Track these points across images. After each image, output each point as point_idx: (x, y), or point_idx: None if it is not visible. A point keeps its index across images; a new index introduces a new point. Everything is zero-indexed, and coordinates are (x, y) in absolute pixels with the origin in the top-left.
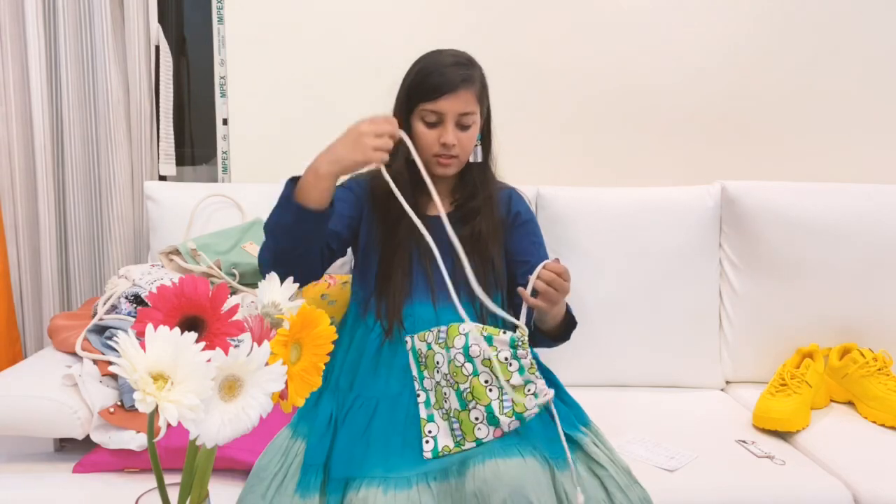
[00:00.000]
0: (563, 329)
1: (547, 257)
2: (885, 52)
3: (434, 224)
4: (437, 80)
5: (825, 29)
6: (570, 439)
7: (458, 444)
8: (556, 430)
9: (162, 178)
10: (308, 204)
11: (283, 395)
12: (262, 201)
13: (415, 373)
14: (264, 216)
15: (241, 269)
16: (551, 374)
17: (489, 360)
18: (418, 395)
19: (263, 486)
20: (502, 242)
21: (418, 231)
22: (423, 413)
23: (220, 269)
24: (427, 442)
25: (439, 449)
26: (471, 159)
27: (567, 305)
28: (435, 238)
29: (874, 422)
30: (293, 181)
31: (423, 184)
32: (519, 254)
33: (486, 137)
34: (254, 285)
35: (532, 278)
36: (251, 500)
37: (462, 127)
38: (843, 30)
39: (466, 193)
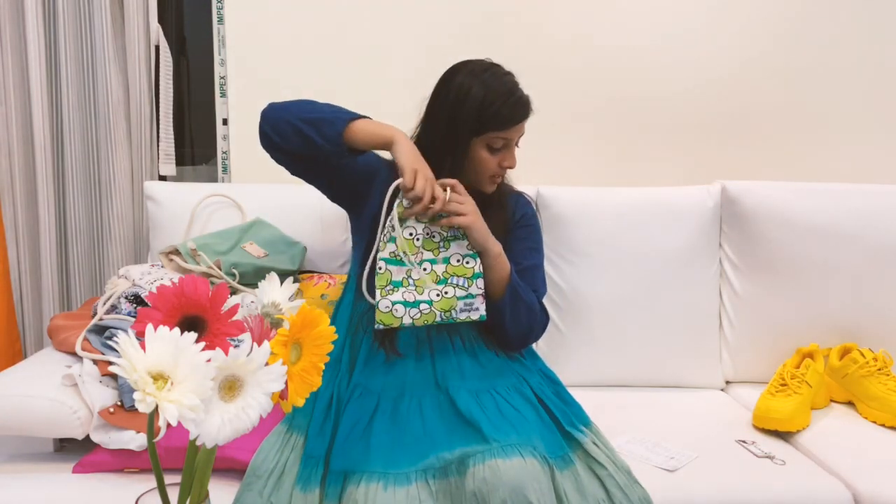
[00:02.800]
0: (505, 293)
1: (539, 264)
2: (885, 52)
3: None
4: (509, 110)
5: (825, 29)
6: (570, 438)
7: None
8: (553, 429)
9: (162, 178)
10: (349, 141)
11: (283, 395)
12: (262, 201)
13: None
14: (264, 216)
15: (241, 269)
16: (552, 374)
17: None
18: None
19: (261, 482)
20: (507, 243)
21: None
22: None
23: (220, 269)
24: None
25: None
26: None
27: (514, 275)
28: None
29: (874, 422)
30: (357, 118)
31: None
32: (512, 255)
33: None
34: (254, 285)
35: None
36: (249, 497)
37: (516, 146)
38: (843, 30)
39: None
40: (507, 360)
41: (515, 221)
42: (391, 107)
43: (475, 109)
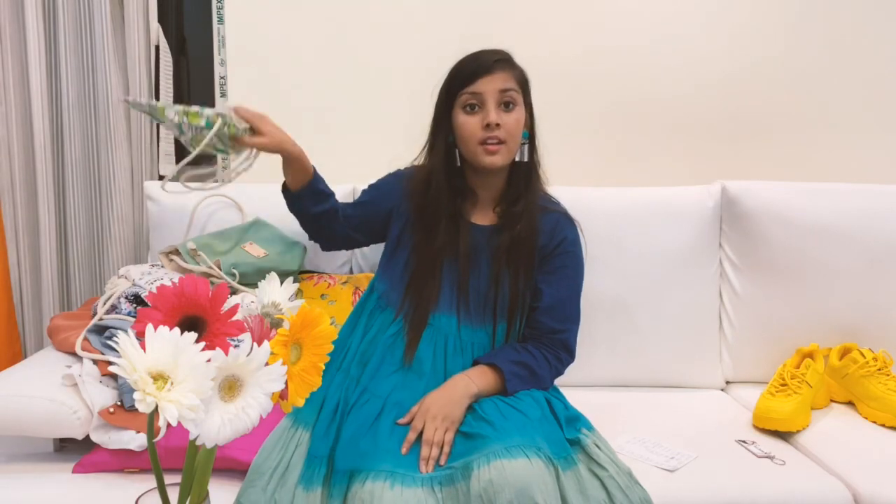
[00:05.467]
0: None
1: (571, 293)
2: (885, 52)
3: (476, 232)
4: (471, 64)
5: (825, 30)
6: (571, 440)
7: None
8: (557, 430)
9: (162, 177)
10: (290, 186)
11: (283, 395)
12: (262, 201)
13: None
14: (264, 216)
15: (241, 269)
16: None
17: None
18: None
19: (264, 479)
20: (536, 264)
21: (457, 238)
22: None
23: (220, 269)
24: None
25: None
26: (516, 157)
27: (508, 376)
28: (475, 247)
29: (874, 422)
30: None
31: (466, 189)
32: (541, 279)
33: (530, 139)
34: (253, 285)
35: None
36: (252, 493)
37: (505, 106)
38: (843, 30)
39: (510, 198)
40: None
41: (554, 247)
42: (390, 106)
43: (445, 82)
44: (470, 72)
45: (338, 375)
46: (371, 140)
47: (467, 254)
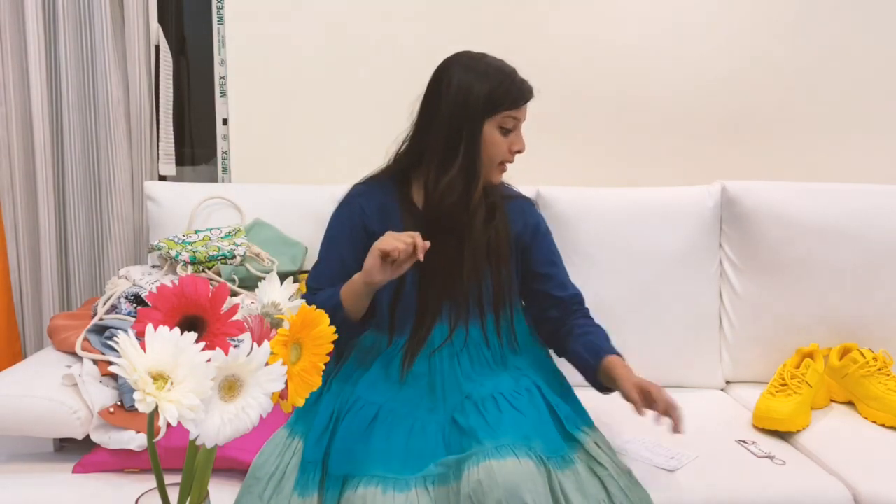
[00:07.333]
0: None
1: (562, 262)
2: (885, 52)
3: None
4: (520, 87)
5: (825, 30)
6: (571, 438)
7: None
8: (553, 429)
9: (162, 178)
10: (348, 313)
11: (283, 395)
12: (261, 201)
13: None
14: (264, 217)
15: (240, 274)
16: (561, 375)
17: None
18: None
19: (261, 486)
20: (515, 251)
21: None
22: None
23: (220, 276)
24: None
25: None
26: None
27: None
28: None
29: (874, 422)
30: (339, 302)
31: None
32: (542, 265)
33: None
34: (251, 288)
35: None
36: (248, 500)
37: None
38: (843, 31)
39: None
40: (518, 372)
41: (532, 233)
42: (388, 106)
43: (486, 91)
44: (517, 95)
45: (327, 396)
46: (371, 140)
47: (432, 265)
